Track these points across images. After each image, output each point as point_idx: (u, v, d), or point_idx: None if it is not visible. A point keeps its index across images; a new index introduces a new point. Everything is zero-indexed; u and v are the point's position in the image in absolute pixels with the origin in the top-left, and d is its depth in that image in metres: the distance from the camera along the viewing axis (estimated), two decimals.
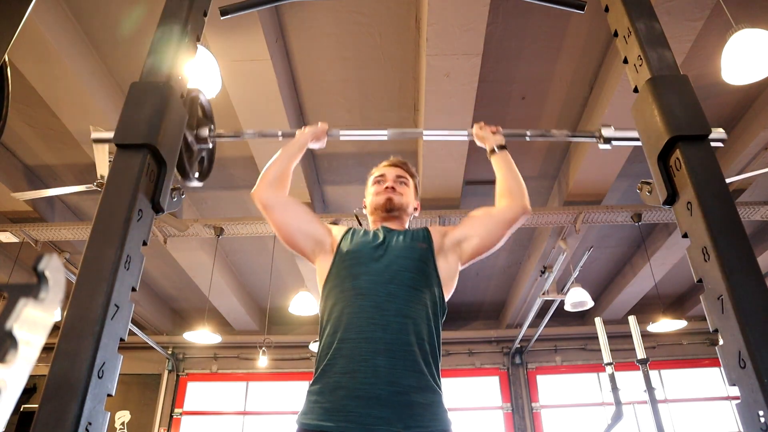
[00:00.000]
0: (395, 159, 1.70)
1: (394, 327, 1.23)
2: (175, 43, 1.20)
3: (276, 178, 1.50)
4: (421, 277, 1.35)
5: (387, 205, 1.56)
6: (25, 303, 0.37)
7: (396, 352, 1.20)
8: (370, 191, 1.65)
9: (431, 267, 1.39)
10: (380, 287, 1.30)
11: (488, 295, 7.16)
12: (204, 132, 1.50)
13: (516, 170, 1.57)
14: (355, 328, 1.24)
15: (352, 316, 1.27)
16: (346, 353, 1.21)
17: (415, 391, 1.17)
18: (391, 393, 1.15)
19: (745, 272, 0.86)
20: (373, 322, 1.24)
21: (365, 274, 1.34)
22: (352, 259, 1.39)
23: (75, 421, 0.76)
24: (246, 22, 2.96)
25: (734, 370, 0.83)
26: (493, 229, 1.46)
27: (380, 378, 1.16)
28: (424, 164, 4.12)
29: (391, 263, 1.36)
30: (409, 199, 1.63)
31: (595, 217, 4.51)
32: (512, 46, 3.48)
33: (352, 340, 1.23)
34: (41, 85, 3.37)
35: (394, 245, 1.42)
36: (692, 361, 7.18)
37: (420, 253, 1.40)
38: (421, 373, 1.21)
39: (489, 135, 1.64)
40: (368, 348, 1.20)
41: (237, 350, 7.42)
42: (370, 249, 1.40)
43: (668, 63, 1.13)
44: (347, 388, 1.16)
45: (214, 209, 5.15)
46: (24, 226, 4.56)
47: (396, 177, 1.63)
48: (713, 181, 0.97)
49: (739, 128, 4.17)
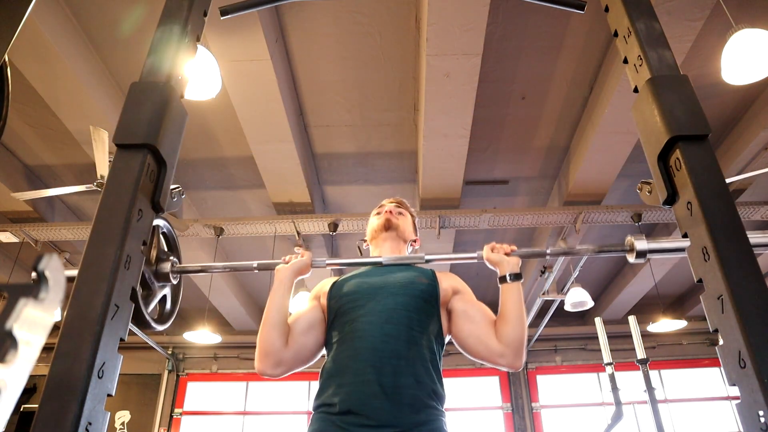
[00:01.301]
0: (394, 198, 1.76)
1: (390, 369, 1.21)
2: (175, 43, 1.20)
3: (275, 344, 1.31)
4: (419, 315, 1.32)
5: (385, 224, 1.59)
6: (25, 303, 0.37)
7: (394, 394, 1.19)
8: (370, 221, 1.69)
9: (432, 305, 1.36)
10: (376, 328, 1.28)
11: (488, 295, 7.11)
12: (165, 267, 1.26)
13: (523, 307, 1.38)
14: (351, 371, 1.23)
15: (349, 359, 1.26)
16: (345, 398, 1.20)
17: (418, 429, 1.17)
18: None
19: (745, 272, 0.86)
20: (370, 365, 1.22)
21: (362, 315, 1.32)
22: (349, 302, 1.37)
23: (75, 421, 0.76)
24: (246, 22, 2.96)
25: (734, 370, 0.83)
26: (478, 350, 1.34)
27: (381, 420, 1.16)
28: (424, 164, 4.12)
29: (387, 301, 1.33)
30: (407, 225, 1.65)
31: (595, 217, 4.50)
32: (512, 46, 3.48)
33: (350, 384, 1.22)
34: (41, 85, 3.37)
35: (392, 282, 1.39)
36: (692, 361, 7.18)
37: (420, 290, 1.37)
38: (420, 412, 1.19)
39: (502, 258, 1.39)
40: (366, 391, 1.19)
41: (237, 350, 7.41)
42: (365, 288, 1.39)
43: (668, 63, 1.13)
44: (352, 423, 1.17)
45: (214, 209, 5.15)
46: (24, 226, 4.56)
47: (395, 207, 1.68)
48: (713, 181, 0.97)
49: (739, 128, 4.17)
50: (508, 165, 4.59)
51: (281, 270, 1.41)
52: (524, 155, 4.50)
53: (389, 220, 1.60)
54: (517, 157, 4.50)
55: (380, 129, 4.16)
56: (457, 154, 4.01)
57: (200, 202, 5.06)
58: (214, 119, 4.03)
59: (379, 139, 4.29)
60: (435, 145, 3.91)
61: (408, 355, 1.24)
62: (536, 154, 4.54)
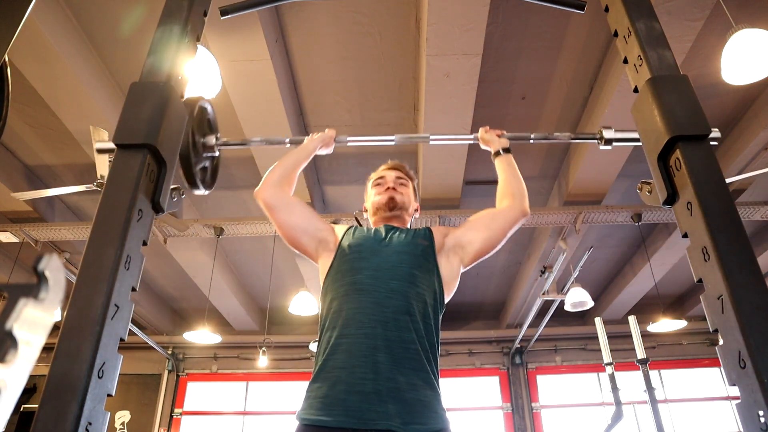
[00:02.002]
0: (393, 162, 1.73)
1: (394, 324, 1.23)
2: (175, 43, 1.20)
3: (281, 179, 1.52)
4: (422, 273, 1.35)
5: (389, 204, 1.56)
6: (25, 303, 0.37)
7: (396, 349, 1.20)
8: (370, 194, 1.67)
9: (432, 264, 1.40)
10: (381, 283, 1.30)
11: (488, 295, 7.16)
12: (211, 140, 1.49)
13: (518, 173, 1.60)
14: (354, 323, 1.24)
15: (351, 311, 1.27)
16: (345, 348, 1.22)
17: (414, 388, 1.18)
18: (390, 389, 1.15)
19: (745, 272, 0.86)
20: (373, 319, 1.24)
21: (366, 269, 1.34)
22: (353, 253, 1.39)
23: (75, 421, 0.76)
24: (246, 22, 2.96)
25: (734, 370, 0.83)
26: (496, 229, 1.47)
27: (380, 374, 1.16)
28: (424, 164, 4.12)
29: (391, 258, 1.36)
30: (410, 198, 1.65)
31: (595, 217, 4.50)
32: (512, 46, 3.48)
33: (352, 335, 1.23)
34: (41, 85, 3.37)
35: (396, 241, 1.42)
36: (692, 361, 7.18)
37: (422, 249, 1.40)
38: (420, 370, 1.21)
39: (494, 138, 1.67)
40: (368, 344, 1.20)
41: (237, 350, 7.41)
42: (371, 243, 1.41)
43: (668, 63, 1.13)
44: (346, 383, 1.17)
45: (214, 209, 5.15)
46: (24, 226, 4.56)
47: (396, 178, 1.65)
48: (713, 181, 0.97)
49: (739, 128, 4.17)
50: None
51: (309, 138, 1.66)
52: (524, 155, 4.49)
53: (393, 199, 1.57)
54: (517, 157, 4.45)
55: (380, 129, 4.16)
56: (457, 154, 4.01)
57: (200, 202, 5.07)
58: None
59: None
60: (435, 145, 3.91)
61: (412, 311, 1.27)
62: (536, 154, 4.54)
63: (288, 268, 6.02)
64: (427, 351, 1.25)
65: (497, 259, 6.22)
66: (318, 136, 1.65)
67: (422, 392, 1.19)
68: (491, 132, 1.69)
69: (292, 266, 5.77)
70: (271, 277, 5.79)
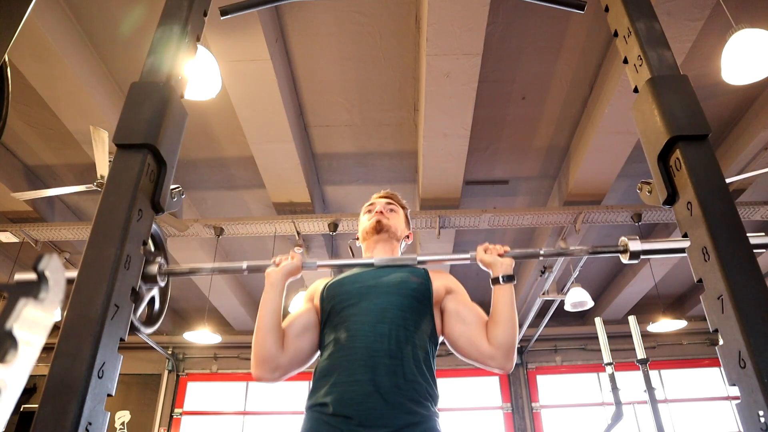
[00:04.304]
0: (385, 192, 1.72)
1: (384, 369, 1.21)
2: (175, 43, 1.20)
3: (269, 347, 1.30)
4: (412, 314, 1.32)
5: (376, 227, 1.56)
6: (25, 303, 0.37)
7: (387, 394, 1.18)
8: (361, 221, 1.66)
9: (425, 304, 1.36)
10: (369, 327, 1.27)
11: (488, 295, 7.08)
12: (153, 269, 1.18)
13: (515, 310, 1.35)
14: (346, 371, 1.23)
15: (342, 359, 1.25)
16: (338, 397, 1.19)
17: (411, 429, 1.16)
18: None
19: (745, 272, 0.86)
20: (363, 365, 1.22)
21: (355, 314, 1.31)
22: (340, 302, 1.36)
23: (75, 421, 0.76)
24: (246, 22, 2.96)
25: (734, 370, 0.83)
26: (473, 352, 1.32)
27: (374, 420, 1.15)
28: (424, 164, 4.12)
29: (379, 300, 1.33)
30: (399, 223, 1.63)
31: (595, 217, 4.50)
32: (512, 46, 3.48)
33: (343, 383, 1.21)
34: (41, 85, 3.37)
35: (386, 281, 1.38)
36: (692, 361, 7.18)
37: (413, 288, 1.36)
38: (414, 413, 1.19)
39: (496, 260, 1.36)
40: (359, 391, 1.19)
41: (237, 350, 7.41)
42: (357, 288, 1.38)
43: (668, 63, 1.13)
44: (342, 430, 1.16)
45: (214, 209, 5.15)
46: (24, 226, 4.56)
47: (386, 204, 1.65)
48: (713, 181, 0.97)
49: (739, 128, 4.17)
50: (508, 165, 4.59)
51: (271, 273, 1.36)
52: (524, 155, 4.49)
53: (380, 222, 1.57)
54: (517, 157, 4.50)
55: (380, 129, 4.16)
56: (457, 154, 4.01)
57: (200, 202, 5.06)
58: (214, 119, 4.03)
59: (379, 139, 4.29)
60: (435, 145, 3.91)
61: (402, 355, 1.24)
62: (536, 154, 4.53)
63: None
64: (423, 389, 1.23)
65: None
66: (281, 267, 1.37)
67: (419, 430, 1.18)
68: (493, 250, 1.38)
69: None
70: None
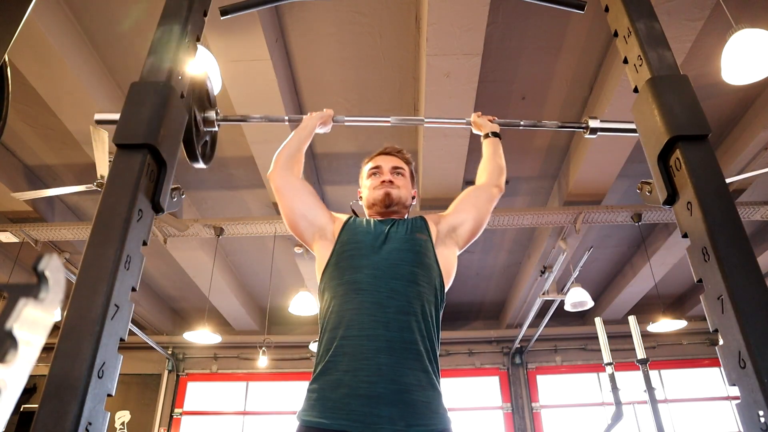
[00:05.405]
0: (389, 147, 1.65)
1: (396, 325, 1.22)
2: (175, 43, 1.20)
3: (289, 159, 1.58)
4: (423, 270, 1.34)
5: (385, 201, 1.52)
6: (25, 303, 0.37)
7: (398, 350, 1.19)
8: (365, 184, 1.61)
9: (432, 258, 1.38)
10: (381, 282, 1.28)
11: (488, 295, 7.16)
12: (211, 115, 1.54)
13: (502, 155, 1.73)
14: (356, 325, 1.23)
15: (353, 312, 1.25)
16: (347, 351, 1.20)
17: (417, 389, 1.17)
18: (393, 391, 1.15)
19: (745, 272, 0.86)
20: (375, 320, 1.22)
21: (365, 267, 1.32)
22: (352, 249, 1.37)
23: (75, 421, 0.76)
24: (246, 22, 2.96)
25: (734, 370, 0.83)
26: (482, 206, 1.54)
27: (383, 376, 1.16)
28: (424, 164, 4.12)
29: (391, 256, 1.34)
30: (408, 190, 1.60)
31: (595, 217, 4.50)
32: (512, 46, 3.48)
33: (354, 337, 1.22)
34: (41, 85, 3.37)
35: (395, 237, 1.40)
36: (692, 361, 7.18)
37: (421, 244, 1.39)
38: (422, 371, 1.20)
39: (486, 122, 1.81)
40: (370, 346, 1.19)
41: (237, 350, 7.42)
42: (370, 240, 1.38)
43: (668, 63, 1.13)
44: (349, 386, 1.16)
45: (214, 209, 5.15)
46: (24, 226, 4.56)
47: (392, 168, 1.58)
48: (713, 181, 0.97)
49: (739, 128, 4.17)
50: (508, 165, 4.55)
51: (308, 117, 1.72)
52: (524, 155, 4.50)
53: (389, 195, 1.53)
54: (517, 157, 4.50)
55: (380, 129, 4.16)
56: (457, 154, 4.01)
57: (200, 202, 5.06)
58: None
59: (379, 139, 4.28)
60: (435, 145, 3.91)
61: (414, 311, 1.26)
62: (536, 154, 4.53)
63: (288, 268, 6.02)
64: (428, 350, 1.24)
65: (497, 259, 6.22)
66: (316, 114, 1.73)
67: (425, 393, 1.18)
68: (483, 117, 1.82)
69: (292, 266, 5.77)
70: (271, 277, 5.79)
